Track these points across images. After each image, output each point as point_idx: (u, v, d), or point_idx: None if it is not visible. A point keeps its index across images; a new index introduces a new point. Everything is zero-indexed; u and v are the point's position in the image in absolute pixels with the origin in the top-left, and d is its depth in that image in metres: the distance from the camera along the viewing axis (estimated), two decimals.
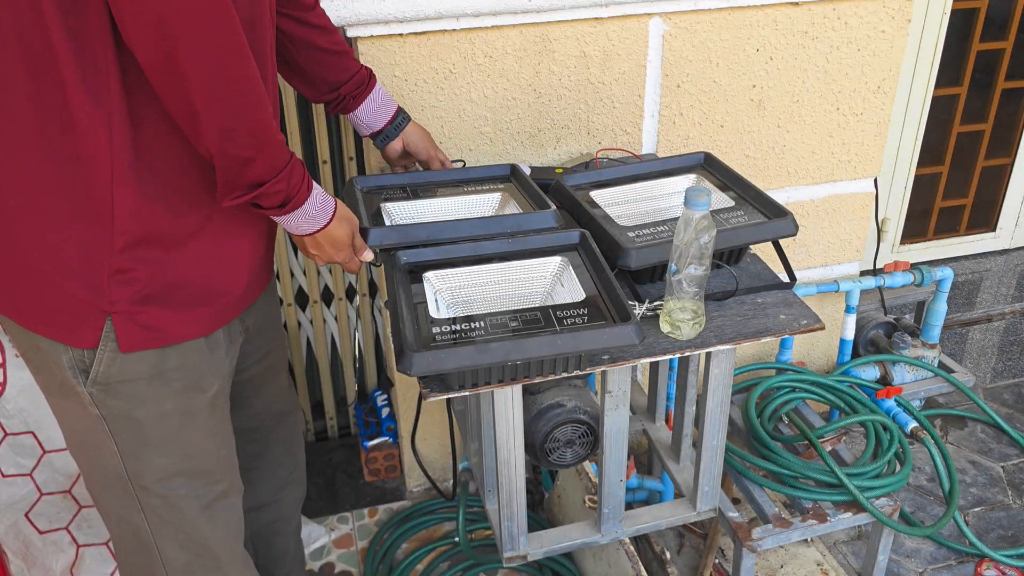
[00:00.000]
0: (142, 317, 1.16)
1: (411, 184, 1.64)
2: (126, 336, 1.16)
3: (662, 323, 1.35)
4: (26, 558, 1.81)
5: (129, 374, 1.19)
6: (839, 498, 1.76)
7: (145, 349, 1.18)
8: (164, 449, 1.26)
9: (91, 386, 1.19)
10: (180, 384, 1.23)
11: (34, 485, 1.82)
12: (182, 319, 1.20)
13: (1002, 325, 2.85)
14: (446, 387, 1.24)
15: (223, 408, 1.34)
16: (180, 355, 1.22)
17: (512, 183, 1.63)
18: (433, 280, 1.35)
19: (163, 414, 1.24)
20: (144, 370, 1.19)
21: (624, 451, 1.45)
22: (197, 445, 1.29)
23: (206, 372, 1.27)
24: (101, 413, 1.22)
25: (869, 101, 2.18)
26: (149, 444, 1.25)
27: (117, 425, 1.23)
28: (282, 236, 2.24)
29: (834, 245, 2.38)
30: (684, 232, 1.25)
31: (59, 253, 1.11)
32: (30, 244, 1.12)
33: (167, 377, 1.22)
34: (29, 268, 1.14)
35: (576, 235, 1.41)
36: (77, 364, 1.18)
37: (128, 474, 1.26)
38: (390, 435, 2.40)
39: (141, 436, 1.24)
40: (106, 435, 1.23)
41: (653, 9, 1.89)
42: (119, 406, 1.21)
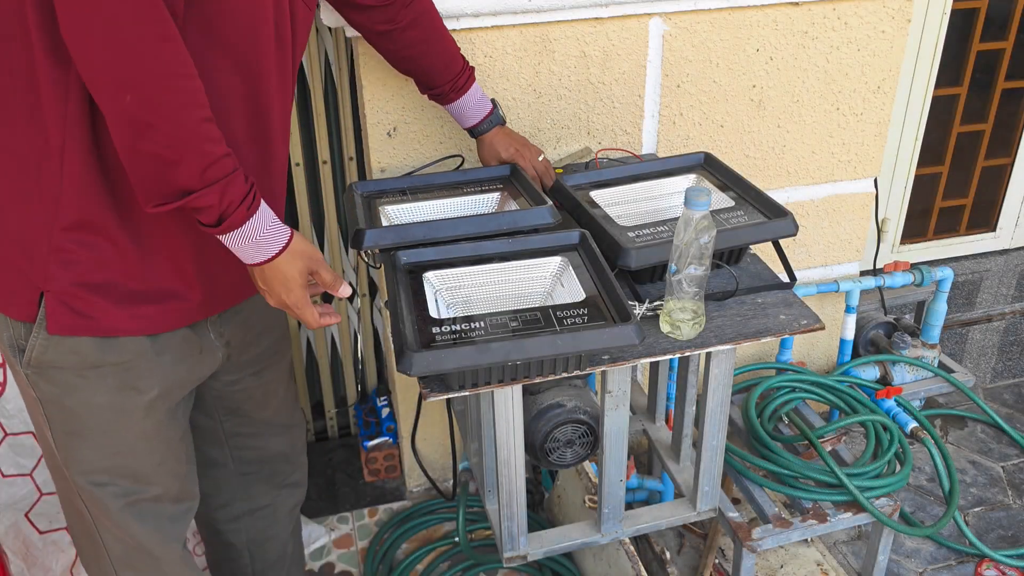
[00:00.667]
0: (77, 302, 1.16)
1: (411, 187, 1.64)
2: (55, 318, 1.15)
3: (662, 323, 1.35)
4: (26, 558, 1.81)
5: (61, 361, 1.19)
6: (839, 498, 1.76)
7: (71, 335, 1.17)
8: (92, 443, 1.25)
9: (26, 367, 1.20)
10: (115, 380, 1.22)
11: (34, 485, 1.82)
12: (120, 313, 1.18)
13: (1002, 325, 2.85)
14: (446, 387, 1.24)
15: (165, 413, 1.31)
16: (118, 352, 1.21)
17: (512, 184, 1.63)
18: (433, 280, 1.35)
19: (94, 407, 1.23)
20: (76, 360, 1.19)
21: (624, 451, 1.45)
22: (128, 445, 1.28)
23: (146, 374, 1.25)
24: (36, 395, 1.22)
25: (869, 101, 2.18)
26: (77, 435, 1.24)
27: (50, 410, 1.23)
28: None
29: (834, 245, 2.38)
30: (684, 232, 1.25)
31: (3, 219, 1.13)
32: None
33: (102, 371, 1.21)
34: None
35: (576, 235, 1.41)
36: (16, 342, 1.19)
37: (65, 462, 1.27)
38: (390, 435, 2.40)
39: (70, 425, 1.24)
40: (42, 417, 1.25)
41: (653, 9, 1.89)
42: (52, 391, 1.22)
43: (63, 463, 1.28)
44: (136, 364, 1.23)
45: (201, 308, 1.28)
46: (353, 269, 2.38)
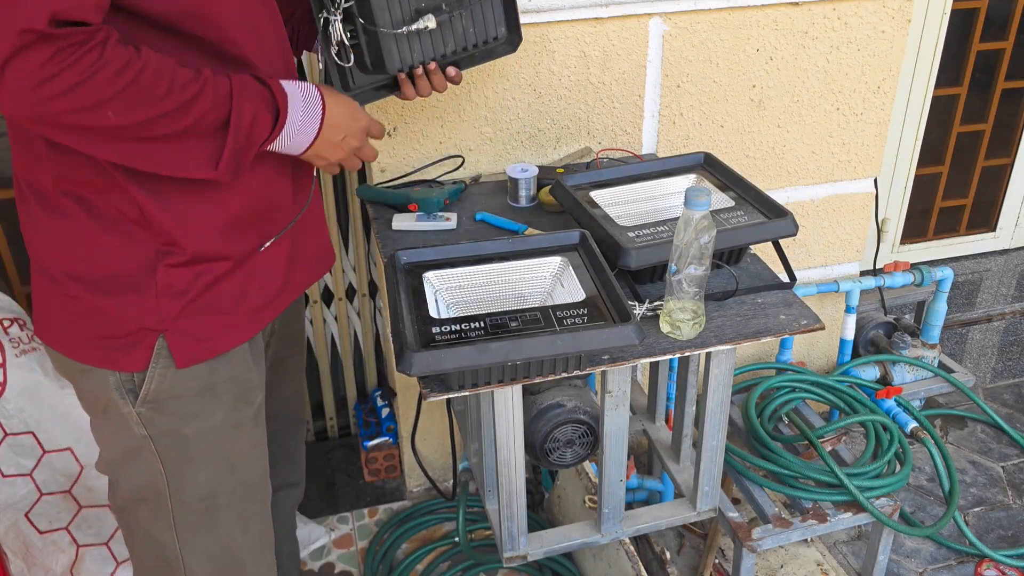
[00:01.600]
0: (193, 329, 1.15)
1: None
2: (181, 351, 1.15)
3: (662, 323, 1.35)
4: (26, 558, 1.81)
5: (180, 390, 1.17)
6: (839, 498, 1.76)
7: (199, 362, 1.16)
8: (210, 463, 1.24)
9: (140, 406, 1.17)
10: (229, 397, 1.22)
11: (34, 485, 1.82)
12: (228, 323, 1.18)
13: (1002, 325, 2.85)
14: (446, 387, 1.24)
15: (263, 418, 1.32)
16: (229, 367, 1.20)
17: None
18: (433, 280, 1.35)
19: (212, 428, 1.22)
20: (195, 386, 1.18)
21: (624, 451, 1.45)
22: (241, 457, 1.28)
23: (253, 383, 1.26)
24: (148, 433, 1.20)
25: (869, 101, 2.18)
26: (194, 460, 1.23)
27: (163, 443, 1.21)
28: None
29: (834, 245, 2.38)
30: (684, 232, 1.25)
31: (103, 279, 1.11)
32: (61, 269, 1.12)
33: (217, 391, 1.20)
34: (62, 296, 1.14)
35: (576, 235, 1.41)
36: (124, 385, 1.16)
37: (169, 491, 1.24)
38: (390, 435, 2.40)
39: (187, 452, 1.22)
40: (151, 454, 1.22)
41: (653, 9, 1.89)
42: (167, 423, 1.20)
43: (171, 494, 1.25)
44: (243, 375, 1.23)
45: (283, 298, 1.28)
46: (353, 269, 2.38)
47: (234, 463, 1.27)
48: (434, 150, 1.91)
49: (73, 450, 1.86)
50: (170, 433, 1.20)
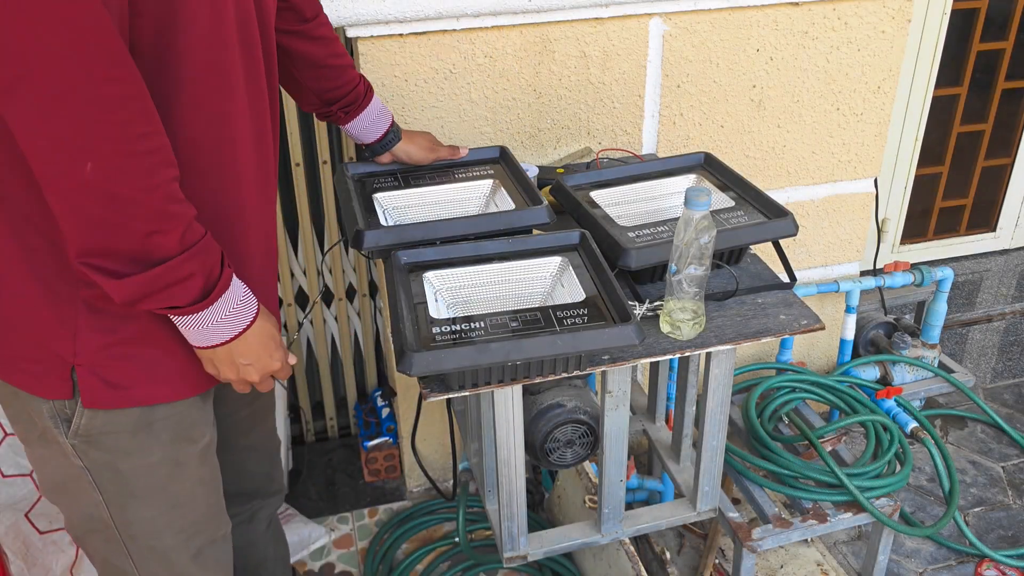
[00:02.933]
0: (108, 372, 1.07)
1: (402, 171, 1.64)
2: (89, 392, 1.07)
3: (662, 323, 1.35)
4: (26, 558, 1.81)
5: (112, 426, 1.11)
6: (839, 498, 1.76)
7: (108, 409, 1.09)
8: (151, 501, 1.19)
9: (72, 437, 1.11)
10: (168, 436, 1.16)
11: (34, 485, 1.82)
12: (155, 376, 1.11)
13: (1002, 325, 2.85)
14: (446, 387, 1.23)
15: (213, 455, 1.26)
16: (169, 407, 1.14)
17: (501, 166, 1.64)
18: (433, 280, 1.35)
19: (149, 466, 1.16)
20: (128, 423, 1.12)
21: (624, 451, 1.45)
22: (187, 495, 1.22)
23: (197, 422, 1.20)
24: (84, 464, 1.14)
25: (869, 101, 2.18)
26: (135, 496, 1.18)
27: (101, 476, 1.16)
28: (283, 237, 2.24)
29: (834, 245, 2.38)
30: (684, 232, 1.25)
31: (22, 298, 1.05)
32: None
33: (154, 429, 1.14)
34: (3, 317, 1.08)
35: (576, 235, 1.41)
36: (59, 413, 1.10)
37: (115, 523, 1.20)
38: (390, 435, 2.40)
39: (126, 488, 1.17)
40: (90, 485, 1.16)
41: (653, 9, 1.89)
42: (102, 457, 1.14)
43: (118, 527, 1.20)
44: (185, 414, 1.17)
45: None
46: (353, 269, 2.38)
47: (179, 502, 1.21)
48: None
49: None
50: (106, 466, 1.15)
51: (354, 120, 1.52)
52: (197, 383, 1.16)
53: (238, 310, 1.07)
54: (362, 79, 1.51)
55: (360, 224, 1.42)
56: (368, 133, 1.55)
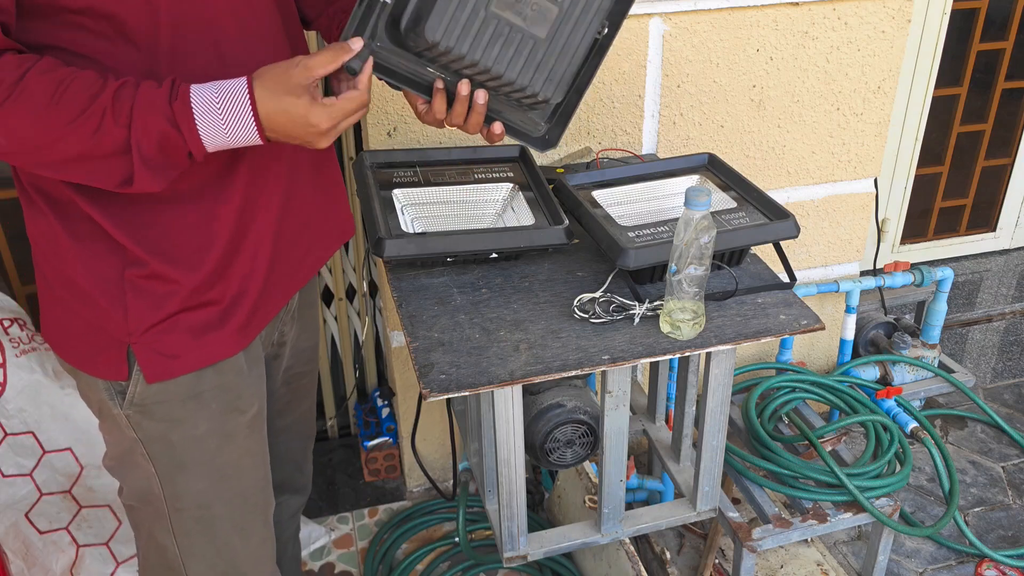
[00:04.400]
0: (162, 345, 1.11)
1: (420, 162, 1.63)
2: (149, 367, 1.11)
3: (662, 323, 1.35)
4: (26, 558, 1.81)
5: (165, 395, 1.14)
6: (839, 498, 1.76)
7: (169, 379, 1.12)
8: (200, 472, 1.21)
9: (128, 407, 1.15)
10: (217, 405, 1.18)
11: (34, 485, 1.82)
12: (203, 342, 1.13)
13: (1002, 325, 2.85)
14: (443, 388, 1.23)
15: (261, 427, 1.28)
16: (217, 375, 1.16)
17: (519, 166, 1.65)
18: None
19: (199, 436, 1.18)
20: (180, 391, 1.14)
21: (624, 451, 1.45)
22: (234, 467, 1.24)
23: (244, 391, 1.21)
24: (138, 435, 1.17)
25: (869, 101, 2.18)
26: (185, 467, 1.20)
27: (154, 447, 1.18)
28: None
29: (834, 245, 2.38)
30: (684, 232, 1.25)
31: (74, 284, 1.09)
32: (52, 271, 1.11)
33: (204, 398, 1.16)
34: (54, 297, 1.13)
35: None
36: (113, 387, 1.14)
37: (164, 495, 1.22)
38: (390, 435, 2.40)
39: (176, 459, 1.19)
40: (143, 456, 1.19)
41: (653, 9, 1.89)
42: (155, 427, 1.17)
43: (167, 499, 1.22)
44: (235, 383, 1.19)
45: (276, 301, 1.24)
46: (353, 269, 2.38)
47: (226, 473, 1.23)
48: None
49: (73, 450, 1.86)
50: (158, 438, 1.17)
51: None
52: (240, 339, 1.17)
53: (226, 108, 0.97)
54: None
55: (381, 231, 1.41)
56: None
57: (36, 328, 1.89)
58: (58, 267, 1.10)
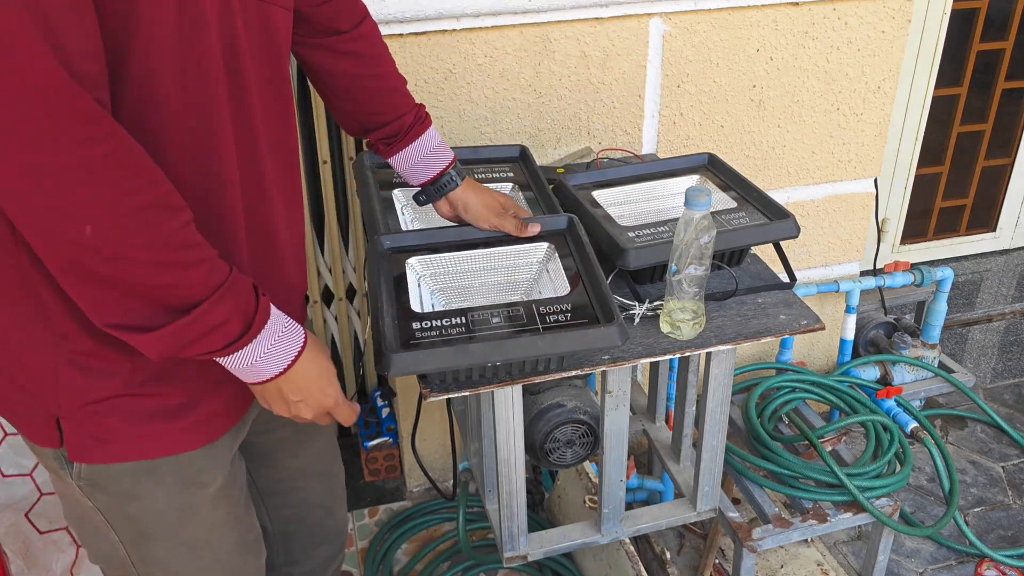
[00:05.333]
0: (93, 427, 1.01)
1: None
2: (75, 447, 1.01)
3: (662, 323, 1.35)
4: (26, 558, 1.81)
5: (112, 473, 1.05)
6: (839, 498, 1.76)
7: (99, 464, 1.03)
8: (164, 543, 1.14)
9: (77, 480, 1.06)
10: (174, 481, 1.09)
11: (34, 485, 1.82)
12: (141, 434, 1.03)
13: (1002, 325, 2.85)
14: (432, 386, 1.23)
15: (231, 496, 1.18)
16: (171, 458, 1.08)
17: (520, 166, 1.63)
18: (416, 266, 1.32)
19: (157, 511, 1.10)
20: (129, 469, 1.05)
21: (624, 451, 1.45)
22: (202, 539, 1.16)
23: (206, 467, 1.12)
24: (94, 505, 1.09)
25: (869, 101, 2.18)
26: (147, 537, 1.13)
27: (112, 516, 1.11)
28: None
29: (834, 245, 2.38)
30: (684, 232, 1.25)
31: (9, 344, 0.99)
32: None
33: (158, 474, 1.07)
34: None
35: (564, 220, 1.38)
36: (62, 457, 1.05)
37: (131, 560, 1.15)
38: (390, 435, 2.40)
39: (137, 530, 1.12)
40: (104, 524, 1.12)
41: (653, 9, 1.89)
42: (110, 500, 1.09)
43: (135, 564, 1.15)
44: (193, 461, 1.09)
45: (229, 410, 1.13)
46: (353, 269, 2.38)
47: (195, 545, 1.15)
48: None
49: None
50: (115, 509, 1.10)
51: (396, 155, 1.32)
52: (192, 439, 1.08)
53: (282, 341, 1.00)
54: (415, 109, 1.31)
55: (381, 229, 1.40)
56: (415, 173, 1.33)
57: None
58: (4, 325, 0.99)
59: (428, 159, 1.32)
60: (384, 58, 1.28)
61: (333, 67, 1.23)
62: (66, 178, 0.80)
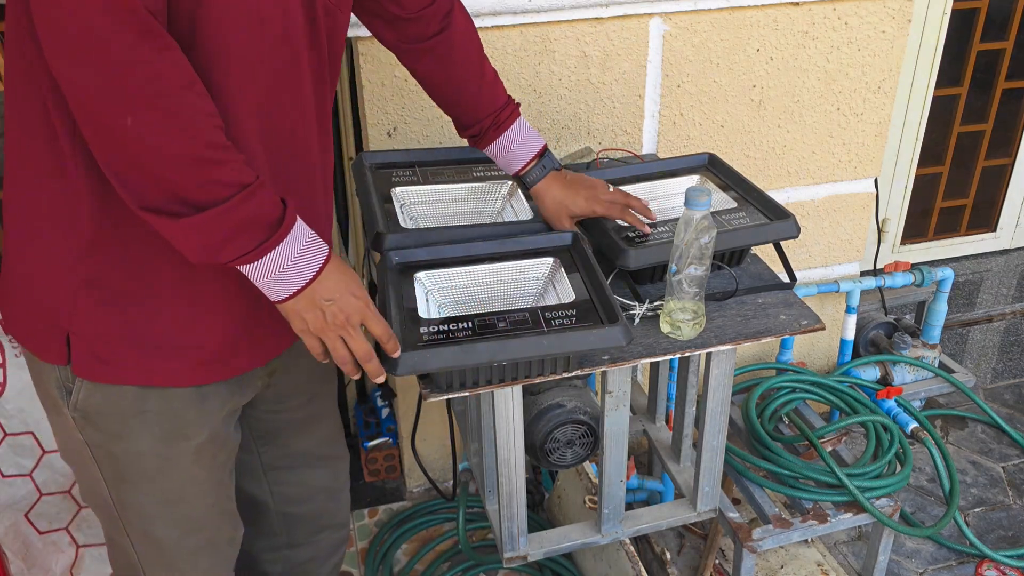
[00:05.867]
0: (100, 346, 1.08)
1: (419, 162, 1.62)
2: (80, 361, 1.09)
3: (662, 323, 1.35)
4: (26, 558, 1.81)
5: (106, 407, 1.12)
6: (839, 498, 1.76)
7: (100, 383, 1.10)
8: (141, 488, 1.19)
9: (72, 410, 1.13)
10: (160, 429, 1.15)
11: (34, 485, 1.82)
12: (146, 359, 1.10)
13: (1002, 325, 2.85)
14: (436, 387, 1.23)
15: (213, 456, 1.23)
16: (162, 399, 1.14)
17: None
18: (424, 280, 1.34)
19: (138, 454, 1.16)
20: (123, 406, 1.12)
21: (624, 451, 1.45)
22: (176, 492, 1.21)
23: (192, 421, 1.17)
24: (84, 439, 1.16)
25: (869, 101, 2.18)
26: (125, 480, 1.19)
27: (98, 454, 1.17)
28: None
29: (835, 245, 2.38)
30: (685, 232, 1.25)
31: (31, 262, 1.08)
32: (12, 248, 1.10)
33: (146, 419, 1.14)
34: (13, 273, 1.11)
35: (568, 236, 1.40)
36: (63, 383, 1.12)
37: (112, 501, 1.21)
38: (390, 435, 2.40)
39: (119, 470, 1.18)
40: (91, 461, 1.18)
41: (653, 9, 1.89)
42: (98, 437, 1.15)
43: (115, 506, 1.22)
44: (182, 412, 1.16)
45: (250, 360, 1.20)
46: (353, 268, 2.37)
47: (168, 497, 1.21)
48: None
49: None
50: (101, 446, 1.16)
51: (489, 147, 1.43)
52: (193, 375, 1.14)
53: (308, 248, 1.05)
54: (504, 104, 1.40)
55: (380, 226, 1.41)
56: (508, 162, 1.43)
57: None
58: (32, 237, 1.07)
59: (515, 149, 1.42)
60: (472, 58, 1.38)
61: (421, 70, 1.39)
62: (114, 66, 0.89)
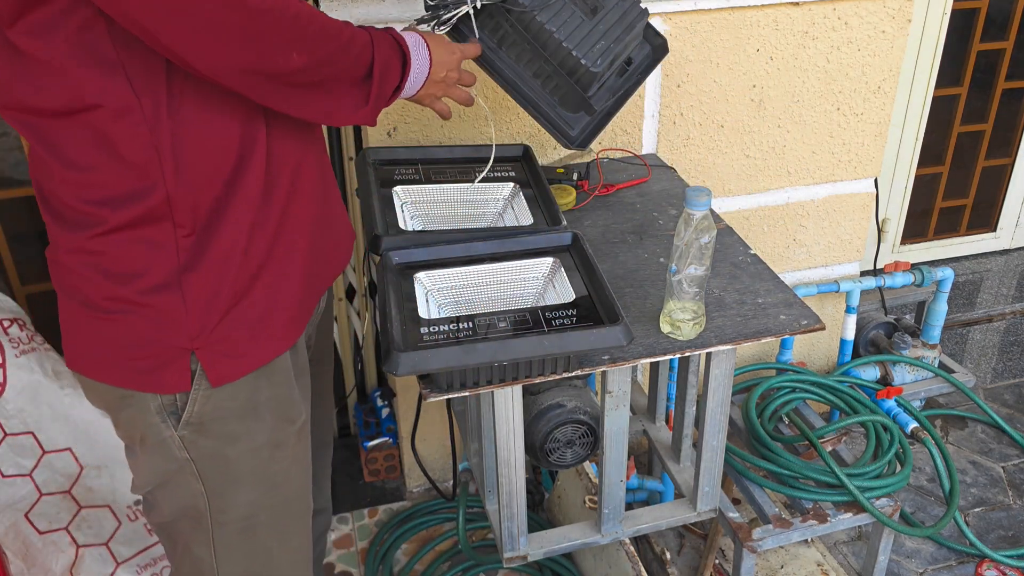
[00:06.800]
0: (223, 346, 1.12)
1: (422, 160, 1.62)
2: (214, 369, 1.12)
3: (662, 323, 1.35)
4: (26, 558, 1.81)
5: (223, 411, 1.15)
6: (839, 498, 1.76)
7: (233, 380, 1.13)
8: (252, 483, 1.22)
9: (182, 429, 1.14)
10: (272, 416, 1.19)
11: (34, 485, 1.82)
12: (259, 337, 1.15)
13: (1002, 325, 2.85)
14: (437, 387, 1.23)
15: (308, 435, 1.29)
16: (270, 386, 1.18)
17: (522, 166, 1.63)
18: (424, 280, 1.34)
19: (254, 449, 1.19)
20: (237, 406, 1.16)
21: (624, 451, 1.45)
22: (283, 475, 1.25)
23: (295, 400, 1.23)
24: (190, 455, 1.17)
25: (869, 101, 2.18)
26: (237, 480, 1.21)
27: (205, 465, 1.18)
28: None
29: (834, 245, 2.38)
30: (685, 232, 1.25)
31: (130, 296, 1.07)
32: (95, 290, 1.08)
33: (259, 411, 1.18)
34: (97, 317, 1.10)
35: (568, 237, 1.40)
36: (167, 408, 1.13)
37: (210, 510, 1.22)
38: (390, 435, 2.40)
39: (229, 473, 1.20)
40: (193, 476, 1.19)
41: (653, 9, 1.88)
42: (210, 445, 1.17)
43: (212, 514, 1.22)
44: (286, 393, 1.21)
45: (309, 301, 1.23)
46: (352, 268, 2.38)
47: (276, 481, 1.24)
48: None
49: (73, 450, 1.86)
50: (213, 455, 1.18)
51: None
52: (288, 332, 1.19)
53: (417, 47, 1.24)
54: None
55: (379, 228, 1.40)
56: None
57: (36, 328, 1.89)
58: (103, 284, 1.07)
59: None
60: None
61: None
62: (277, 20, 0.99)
